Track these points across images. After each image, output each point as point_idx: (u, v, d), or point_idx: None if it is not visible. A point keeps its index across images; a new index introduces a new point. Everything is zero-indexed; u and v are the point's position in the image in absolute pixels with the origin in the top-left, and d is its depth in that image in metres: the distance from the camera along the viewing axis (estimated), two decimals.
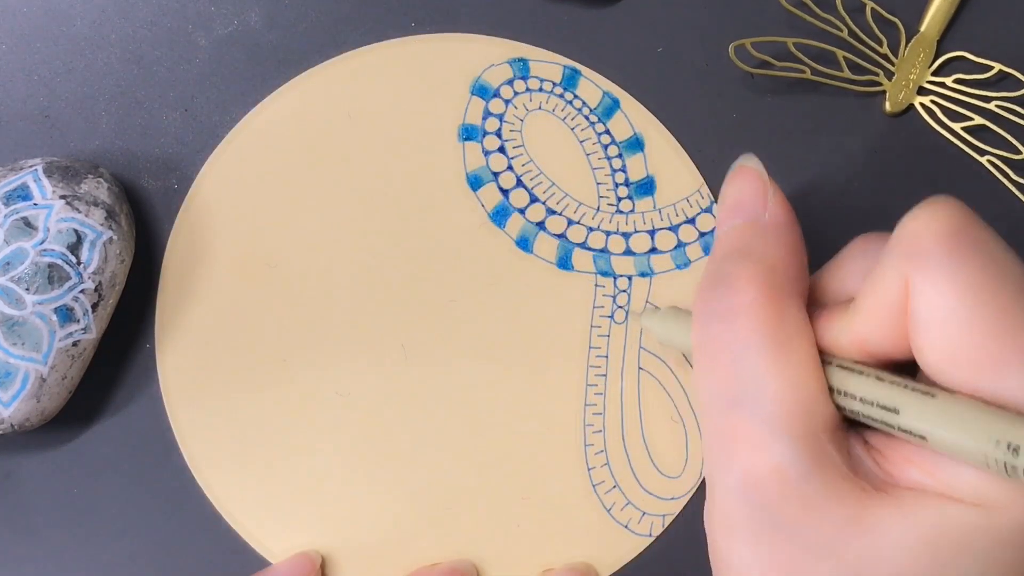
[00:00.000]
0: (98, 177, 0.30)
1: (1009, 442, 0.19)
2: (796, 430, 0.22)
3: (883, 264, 0.22)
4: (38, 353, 0.28)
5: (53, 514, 0.31)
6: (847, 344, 0.23)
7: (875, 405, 0.22)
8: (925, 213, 0.21)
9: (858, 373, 0.22)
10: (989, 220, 0.32)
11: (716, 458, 0.23)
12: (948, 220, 0.21)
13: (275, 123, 0.32)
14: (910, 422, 0.21)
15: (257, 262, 0.32)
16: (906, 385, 0.21)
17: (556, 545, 0.31)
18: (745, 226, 0.25)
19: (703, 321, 0.24)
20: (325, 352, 0.31)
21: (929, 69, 0.33)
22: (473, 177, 0.32)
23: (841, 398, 0.22)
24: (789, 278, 0.24)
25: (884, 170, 0.32)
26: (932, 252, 0.21)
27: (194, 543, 0.31)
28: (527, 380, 0.31)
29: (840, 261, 0.26)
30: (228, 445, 0.31)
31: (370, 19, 0.33)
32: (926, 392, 0.21)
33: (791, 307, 0.23)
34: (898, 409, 0.21)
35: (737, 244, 0.25)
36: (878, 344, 0.22)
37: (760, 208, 0.25)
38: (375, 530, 0.31)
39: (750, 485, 0.22)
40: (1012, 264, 0.21)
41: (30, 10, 0.33)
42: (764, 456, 0.22)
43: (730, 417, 0.23)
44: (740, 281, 0.23)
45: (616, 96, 0.32)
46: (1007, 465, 0.19)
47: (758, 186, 0.25)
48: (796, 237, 0.25)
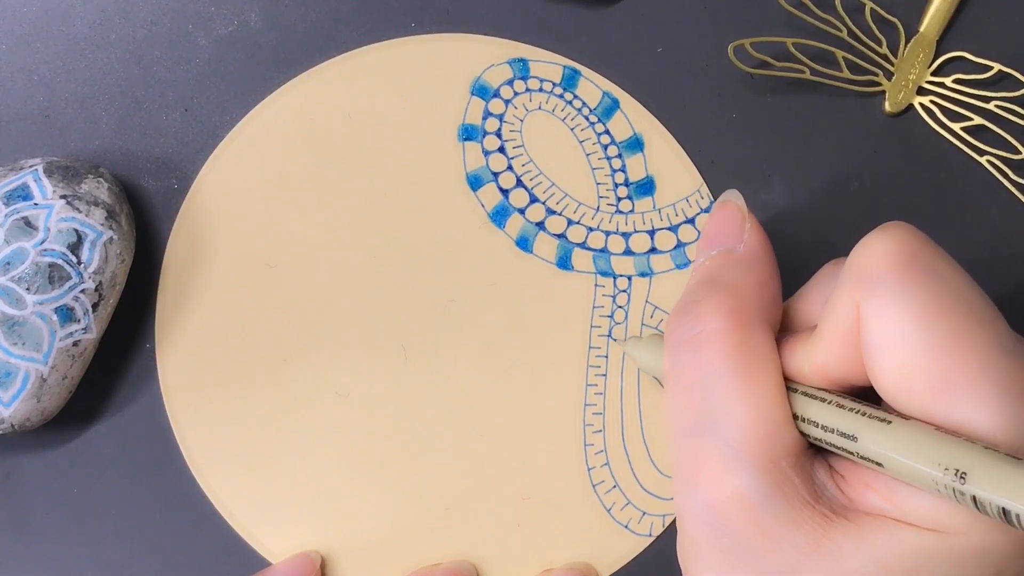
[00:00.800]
0: (98, 177, 0.30)
1: (957, 468, 0.19)
2: (758, 457, 0.22)
3: (837, 291, 0.22)
4: (38, 353, 0.28)
5: (53, 514, 0.31)
6: (810, 371, 0.23)
7: (835, 432, 0.22)
8: (876, 239, 0.22)
9: (820, 400, 0.23)
10: (989, 220, 0.32)
11: (682, 484, 0.23)
12: (898, 246, 0.21)
13: (275, 123, 0.32)
14: (867, 448, 0.21)
15: (257, 262, 0.32)
16: (864, 412, 0.22)
17: (556, 545, 0.31)
18: (719, 256, 0.25)
19: (672, 348, 0.24)
20: (325, 352, 0.31)
21: (929, 69, 0.33)
22: (473, 177, 0.32)
23: (804, 425, 0.23)
24: (757, 307, 0.24)
25: (884, 170, 0.33)
26: (881, 278, 0.21)
27: (194, 543, 0.31)
28: (527, 380, 0.31)
29: (810, 287, 0.26)
30: (228, 445, 0.31)
31: (370, 19, 0.33)
32: (882, 419, 0.21)
33: (757, 335, 0.23)
34: (856, 436, 0.21)
35: (708, 273, 0.25)
36: (838, 371, 0.23)
37: (735, 239, 0.26)
38: (375, 530, 0.31)
39: (713, 511, 0.22)
40: (964, 289, 0.21)
41: (30, 10, 0.33)
42: (726, 483, 0.22)
43: (695, 443, 0.23)
44: (707, 309, 0.24)
45: (616, 96, 0.32)
46: (955, 491, 0.19)
47: (736, 219, 0.26)
48: (768, 267, 0.25)
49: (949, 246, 0.32)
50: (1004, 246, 0.32)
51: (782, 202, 0.32)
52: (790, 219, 0.32)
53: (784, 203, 0.32)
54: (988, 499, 0.19)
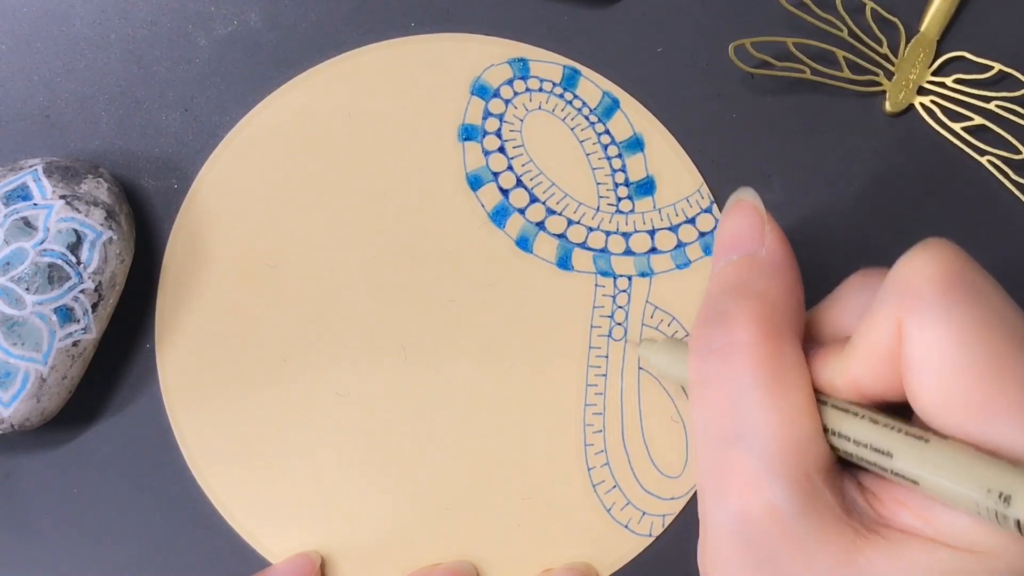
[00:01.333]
0: (98, 177, 0.30)
1: (1000, 491, 0.19)
2: (790, 470, 0.22)
3: (877, 307, 0.22)
4: (38, 353, 0.28)
5: (53, 514, 0.31)
6: (842, 385, 0.23)
7: (868, 448, 0.22)
8: (920, 256, 0.21)
9: (852, 415, 0.22)
10: (989, 220, 0.32)
11: (710, 495, 0.23)
12: (943, 264, 0.21)
13: (275, 123, 0.32)
14: (903, 466, 0.21)
15: (257, 262, 0.32)
16: (900, 429, 0.21)
17: (556, 545, 0.31)
18: (741, 261, 0.25)
19: (700, 357, 0.24)
20: (325, 352, 0.31)
21: (929, 69, 0.33)
22: (473, 177, 0.32)
23: (835, 439, 0.22)
24: (786, 316, 0.24)
25: (884, 170, 0.32)
26: (926, 296, 0.21)
27: (194, 543, 0.31)
28: (527, 380, 0.31)
29: (837, 297, 0.26)
30: (228, 445, 0.31)
31: (370, 19, 0.33)
32: (919, 436, 0.21)
33: (787, 345, 0.23)
34: (891, 453, 0.21)
35: (734, 280, 0.25)
36: (872, 386, 0.22)
37: (757, 244, 0.25)
38: (375, 530, 0.31)
39: (743, 523, 0.22)
40: (1007, 310, 0.21)
41: (30, 10, 0.33)
42: (758, 495, 0.22)
43: (725, 454, 0.23)
44: (737, 318, 0.23)
45: (616, 96, 0.32)
46: (998, 514, 0.19)
47: (755, 221, 0.25)
48: (793, 273, 0.25)
49: None
50: (1005, 246, 0.32)
51: (782, 202, 0.32)
52: (790, 219, 0.32)
53: (784, 203, 0.32)
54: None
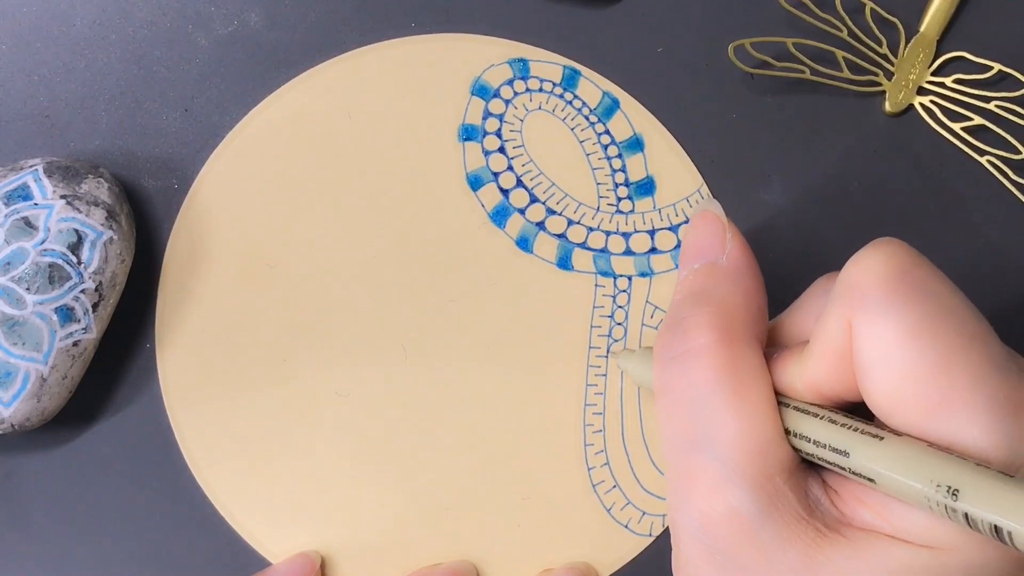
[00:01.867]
0: (98, 177, 0.30)
1: (949, 485, 0.19)
2: (751, 473, 0.22)
3: (828, 308, 0.22)
4: (38, 353, 0.28)
5: (53, 514, 0.31)
6: (802, 387, 0.23)
7: (827, 447, 0.22)
8: (866, 256, 0.22)
9: (812, 415, 0.23)
10: (989, 220, 0.32)
11: (676, 500, 0.23)
12: (890, 262, 0.21)
13: (275, 123, 0.32)
14: (859, 464, 0.21)
15: (257, 262, 0.32)
16: (856, 428, 0.22)
17: (556, 545, 0.31)
18: (702, 269, 0.25)
19: (661, 364, 0.24)
20: (325, 352, 0.31)
21: (929, 69, 0.33)
22: (473, 177, 0.32)
23: (796, 440, 0.23)
24: (744, 321, 0.24)
25: (884, 170, 0.33)
26: (873, 295, 0.21)
27: (194, 543, 0.31)
28: (527, 380, 0.31)
29: (801, 302, 0.26)
30: (228, 445, 0.31)
31: (370, 19, 0.33)
32: (875, 435, 0.21)
33: (746, 350, 0.23)
34: (848, 452, 0.21)
35: (693, 288, 0.25)
36: (830, 387, 0.23)
37: (718, 252, 0.25)
38: (375, 530, 0.31)
39: (707, 526, 0.22)
40: (957, 305, 0.21)
41: (30, 10, 0.33)
42: (719, 499, 0.22)
43: (688, 459, 0.23)
44: (695, 325, 0.24)
45: (616, 96, 0.32)
46: (947, 508, 0.19)
47: (716, 230, 0.26)
48: (753, 280, 0.25)
49: (949, 246, 0.32)
50: (1004, 246, 0.32)
51: (782, 202, 0.32)
52: (790, 219, 0.32)
53: (784, 203, 0.32)
54: (980, 516, 0.19)
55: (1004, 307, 0.32)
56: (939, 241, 0.32)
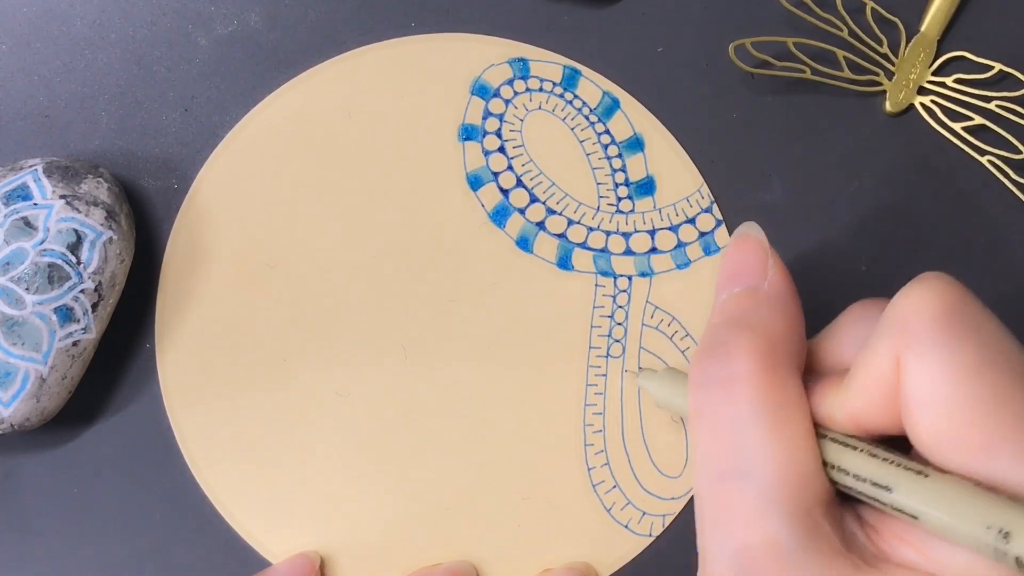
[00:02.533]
0: (98, 177, 0.30)
1: (1000, 527, 0.19)
2: (790, 505, 0.22)
3: (875, 341, 0.22)
4: (38, 353, 0.28)
5: (53, 514, 0.31)
6: (841, 418, 0.23)
7: (868, 482, 0.22)
8: (918, 290, 0.21)
9: (852, 448, 0.22)
10: (989, 220, 0.32)
11: (710, 528, 0.23)
12: (941, 299, 0.21)
13: (275, 123, 0.32)
14: (902, 501, 0.21)
15: (257, 262, 0.32)
16: (899, 463, 0.21)
17: (556, 545, 0.31)
18: (744, 294, 0.25)
19: (699, 388, 0.24)
20: (325, 352, 0.31)
21: (929, 69, 0.33)
22: (473, 177, 0.32)
23: (835, 473, 0.22)
24: (787, 349, 0.24)
25: (884, 170, 0.32)
26: (924, 332, 0.21)
27: (194, 543, 0.31)
28: (527, 380, 0.31)
29: (837, 328, 0.26)
30: (228, 445, 0.31)
31: (370, 19, 0.33)
32: (919, 471, 0.21)
33: (788, 379, 0.23)
34: (891, 487, 0.21)
35: (735, 312, 0.25)
36: (871, 420, 0.22)
37: (759, 277, 0.25)
38: (375, 530, 0.31)
39: (743, 556, 0.22)
40: (1006, 344, 0.21)
41: (30, 10, 0.33)
42: (758, 529, 0.22)
43: (725, 487, 0.23)
44: (738, 350, 0.23)
45: (616, 96, 0.32)
46: (997, 550, 0.19)
47: (759, 254, 0.25)
48: (795, 307, 0.25)
49: (949, 246, 0.32)
50: (1005, 246, 0.32)
51: (782, 202, 0.32)
52: (790, 219, 0.32)
53: (784, 203, 0.32)
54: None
55: (1004, 307, 0.32)
56: (939, 241, 0.32)
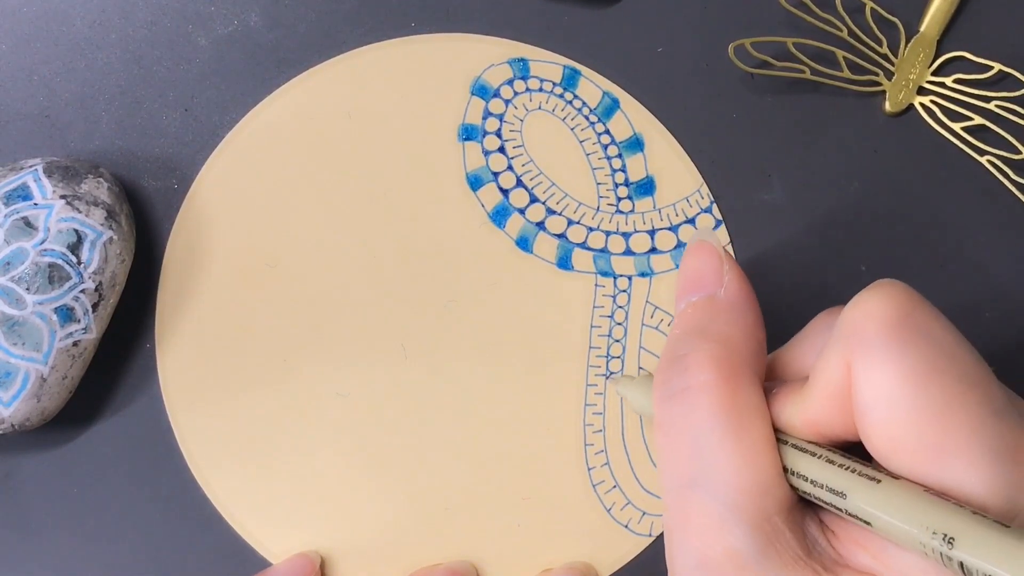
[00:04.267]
0: (98, 177, 0.30)
1: (945, 533, 0.19)
2: (750, 513, 0.22)
3: (829, 348, 0.22)
4: (38, 353, 0.28)
5: (53, 514, 0.31)
6: (800, 425, 0.23)
7: (824, 488, 0.22)
8: (867, 298, 0.22)
9: (810, 455, 0.22)
10: (989, 220, 0.32)
11: (674, 538, 0.23)
12: (892, 306, 0.21)
13: (275, 123, 0.32)
14: (856, 507, 0.21)
15: (257, 262, 0.32)
16: (854, 469, 0.22)
17: (556, 545, 0.31)
18: (700, 303, 0.25)
19: (661, 400, 0.24)
20: (325, 352, 0.31)
21: (929, 69, 0.33)
22: (473, 177, 0.32)
23: (794, 479, 0.23)
24: (744, 358, 0.24)
25: (884, 170, 0.32)
26: (873, 338, 0.21)
27: (194, 543, 0.31)
28: (527, 380, 0.31)
29: (804, 335, 0.26)
30: (228, 445, 0.31)
31: (370, 19, 0.33)
32: (872, 477, 0.21)
33: (746, 387, 0.23)
34: (845, 493, 0.21)
35: (693, 322, 0.25)
36: (829, 427, 0.22)
37: (715, 284, 0.25)
38: (375, 530, 0.31)
39: (704, 566, 0.22)
40: (958, 350, 0.21)
41: (30, 10, 0.33)
42: (718, 538, 0.22)
43: (686, 497, 0.23)
44: (695, 361, 0.23)
45: (616, 96, 0.32)
46: (943, 555, 0.19)
47: (714, 262, 0.25)
48: (753, 314, 0.25)
49: (949, 246, 0.32)
50: (1004, 246, 0.32)
51: (782, 202, 0.32)
52: (790, 219, 0.32)
53: (784, 203, 0.32)
54: (975, 566, 0.18)
55: (1003, 307, 0.32)
56: (939, 241, 0.32)
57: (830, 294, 0.32)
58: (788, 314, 0.27)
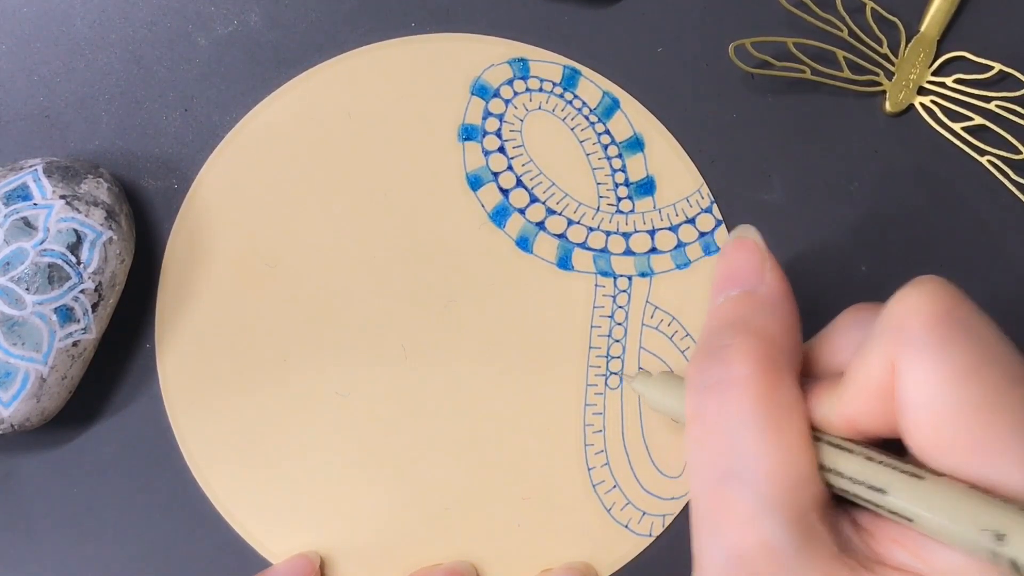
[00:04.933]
0: (98, 177, 0.30)
1: (995, 530, 0.19)
2: (786, 507, 0.22)
3: (870, 344, 0.22)
4: (38, 353, 0.28)
5: (53, 514, 0.31)
6: (837, 421, 0.23)
7: (863, 485, 0.22)
8: (912, 294, 0.21)
9: (848, 451, 0.22)
10: (989, 220, 0.32)
11: (705, 530, 0.23)
12: (936, 302, 0.21)
13: (275, 123, 0.32)
14: (897, 504, 0.21)
15: (257, 262, 0.32)
16: (894, 466, 0.21)
17: (556, 545, 0.31)
18: (741, 297, 0.25)
19: (697, 392, 0.24)
20: (325, 352, 0.31)
21: (929, 69, 0.33)
22: (473, 177, 0.32)
23: (831, 476, 0.22)
24: (784, 353, 0.24)
25: (884, 170, 0.32)
26: (918, 335, 0.21)
27: (194, 543, 0.31)
28: (527, 380, 0.31)
29: (833, 331, 0.26)
30: (228, 445, 0.31)
31: (370, 19, 0.33)
32: (914, 474, 0.21)
33: (785, 382, 0.23)
34: (886, 490, 0.21)
35: (732, 316, 0.24)
36: (867, 423, 0.22)
37: (756, 280, 0.25)
38: (375, 530, 0.31)
39: (738, 560, 0.22)
40: (1001, 347, 0.21)
41: (30, 10, 0.33)
42: (753, 532, 0.22)
43: (721, 490, 0.23)
44: (735, 354, 0.23)
45: (616, 96, 0.32)
46: (992, 552, 0.19)
47: (755, 257, 0.25)
48: (792, 311, 0.25)
49: (949, 247, 0.32)
50: (1004, 246, 0.32)
51: (782, 202, 0.32)
52: (790, 219, 0.32)
53: (784, 203, 0.32)
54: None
55: (1003, 308, 0.32)
56: (939, 241, 0.32)
57: (830, 294, 0.32)
58: None
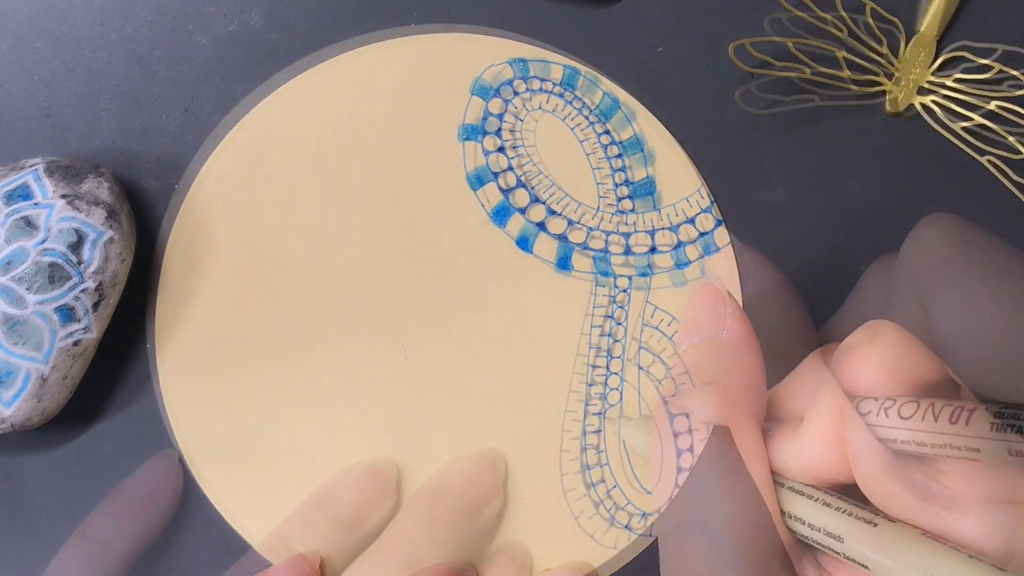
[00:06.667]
0: (99, 177, 0.30)
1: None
2: (747, 556, 0.22)
3: (822, 393, 0.22)
4: (39, 353, 0.28)
5: (53, 514, 0.31)
6: (796, 467, 0.23)
7: (821, 531, 0.22)
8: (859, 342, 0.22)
9: (807, 498, 0.23)
10: (988, 220, 0.32)
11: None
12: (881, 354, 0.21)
13: (275, 123, 0.32)
14: (853, 550, 0.21)
15: (257, 262, 0.32)
16: (850, 512, 0.22)
17: (555, 545, 0.31)
18: (702, 345, 0.25)
19: (658, 440, 0.24)
20: (325, 352, 0.31)
21: (929, 69, 0.33)
22: (473, 177, 0.32)
23: (791, 521, 0.23)
24: (744, 400, 0.24)
25: (884, 170, 0.32)
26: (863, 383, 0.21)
27: (194, 543, 0.31)
28: (527, 380, 0.31)
29: (796, 376, 0.26)
30: (227, 445, 0.31)
31: (370, 19, 0.33)
32: (868, 521, 0.21)
33: (745, 430, 0.23)
34: (842, 537, 0.21)
35: (693, 363, 0.25)
36: (824, 469, 0.23)
37: (718, 326, 0.25)
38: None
39: None
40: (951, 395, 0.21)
41: (30, 10, 0.33)
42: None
43: (683, 539, 0.23)
44: (696, 403, 0.24)
45: (616, 96, 0.32)
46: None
47: (717, 303, 0.26)
48: (754, 356, 0.25)
49: None
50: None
51: (782, 202, 0.32)
52: (790, 219, 0.32)
53: (784, 203, 0.32)
54: None
55: None
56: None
57: (830, 294, 0.32)
58: None
